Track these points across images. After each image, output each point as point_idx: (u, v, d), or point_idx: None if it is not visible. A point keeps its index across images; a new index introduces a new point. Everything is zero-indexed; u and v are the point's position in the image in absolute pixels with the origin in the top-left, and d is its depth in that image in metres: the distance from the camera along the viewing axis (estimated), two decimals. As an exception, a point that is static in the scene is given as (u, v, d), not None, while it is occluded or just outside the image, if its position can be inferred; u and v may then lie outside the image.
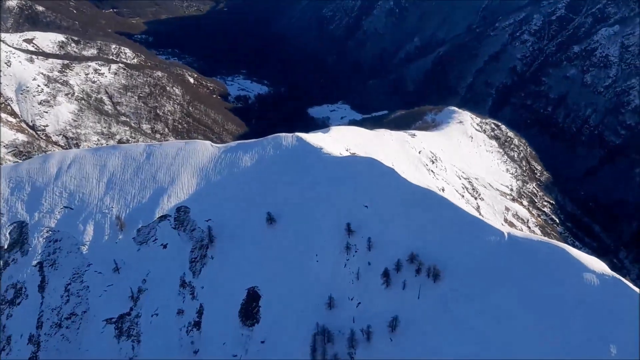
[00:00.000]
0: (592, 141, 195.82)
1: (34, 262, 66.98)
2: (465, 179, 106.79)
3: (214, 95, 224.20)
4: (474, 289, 57.90)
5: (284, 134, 74.82)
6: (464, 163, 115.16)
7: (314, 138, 75.07)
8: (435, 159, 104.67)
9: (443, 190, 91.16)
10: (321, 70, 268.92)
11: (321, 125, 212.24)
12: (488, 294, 57.19)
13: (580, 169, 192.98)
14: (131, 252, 67.82)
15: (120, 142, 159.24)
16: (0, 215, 68.26)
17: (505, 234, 60.19)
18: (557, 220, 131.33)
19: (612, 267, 60.85)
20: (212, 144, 74.87)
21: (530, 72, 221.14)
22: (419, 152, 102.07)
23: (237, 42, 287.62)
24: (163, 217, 69.59)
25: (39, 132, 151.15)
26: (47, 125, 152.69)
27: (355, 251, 64.50)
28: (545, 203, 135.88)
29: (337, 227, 65.86)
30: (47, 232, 68.18)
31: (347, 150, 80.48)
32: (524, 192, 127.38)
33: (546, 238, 61.32)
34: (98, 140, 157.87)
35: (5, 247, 67.15)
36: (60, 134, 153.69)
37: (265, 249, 67.19)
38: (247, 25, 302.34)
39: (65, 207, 69.37)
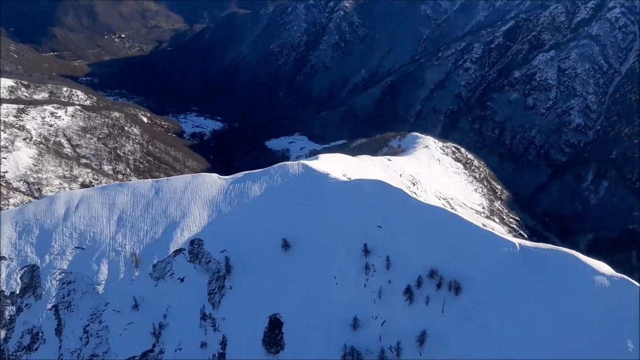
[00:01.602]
0: (539, 160, 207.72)
1: (49, 306, 65.17)
2: (443, 199, 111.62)
3: (170, 134, 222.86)
4: (495, 298, 61.24)
5: (289, 162, 76.92)
6: (437, 184, 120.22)
7: (318, 165, 77.45)
8: (415, 181, 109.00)
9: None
10: (273, 103, 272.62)
11: (282, 157, 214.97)
12: (508, 302, 60.65)
13: (531, 187, 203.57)
14: (149, 288, 67.21)
15: (83, 184, 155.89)
16: (9, 260, 66.23)
17: (517, 245, 64.23)
18: (525, 235, 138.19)
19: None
20: (219, 176, 75.77)
21: (475, 98, 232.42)
22: (400, 175, 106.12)
23: (186, 80, 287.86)
24: (178, 251, 69.52)
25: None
26: (6, 172, 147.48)
27: (374, 271, 66.69)
28: (512, 219, 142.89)
29: (354, 249, 67.97)
30: (60, 274, 66.65)
31: (344, 176, 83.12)
32: (493, 209, 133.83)
33: (553, 246, 65.86)
34: (60, 184, 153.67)
35: (18, 292, 65.10)
36: (21, 180, 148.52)
37: (284, 275, 68.27)
38: (194, 64, 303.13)
39: (76, 247, 68.12)
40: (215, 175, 75.93)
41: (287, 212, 71.51)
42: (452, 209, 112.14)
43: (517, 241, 65.26)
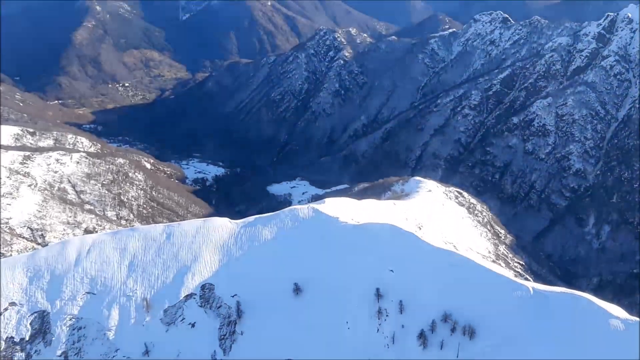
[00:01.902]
0: (540, 204, 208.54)
1: (59, 352, 64.39)
2: (450, 243, 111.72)
3: (173, 179, 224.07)
4: (510, 342, 60.93)
5: (299, 206, 77.70)
6: (443, 229, 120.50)
7: (327, 208, 78.08)
8: (421, 226, 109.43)
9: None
10: (274, 149, 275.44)
11: (284, 202, 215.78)
12: (523, 346, 60.32)
13: (533, 231, 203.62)
14: (160, 333, 66.67)
15: (86, 230, 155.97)
16: (19, 306, 65.86)
17: (530, 288, 64.30)
18: (531, 280, 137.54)
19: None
20: (230, 220, 76.25)
21: (474, 143, 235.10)
22: (406, 219, 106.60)
23: (188, 126, 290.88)
24: (189, 296, 69.29)
25: (2, 225, 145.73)
26: (10, 218, 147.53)
27: (387, 315, 66.45)
28: (517, 264, 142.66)
29: (366, 293, 67.92)
30: (70, 319, 66.17)
31: (352, 219, 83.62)
32: (498, 254, 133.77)
33: (565, 289, 65.94)
34: (64, 230, 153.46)
35: (27, 338, 64.42)
36: (24, 226, 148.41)
37: (295, 320, 67.95)
38: (196, 111, 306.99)
39: (87, 292, 67.87)
40: (225, 219, 76.40)
41: (298, 256, 71.70)
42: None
43: (529, 284, 65.39)
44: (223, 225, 74.92)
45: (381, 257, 69.69)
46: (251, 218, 76.62)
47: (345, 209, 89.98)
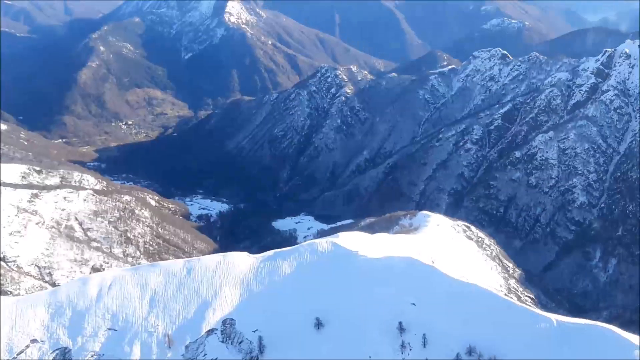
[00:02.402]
0: (546, 238, 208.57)
1: (81, 390, 63.92)
2: (464, 277, 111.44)
3: (177, 216, 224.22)
4: (536, 374, 60.70)
5: (318, 239, 78.15)
6: (454, 262, 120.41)
7: (346, 242, 78.46)
8: (434, 260, 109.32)
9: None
10: (277, 185, 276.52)
11: (289, 237, 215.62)
12: (550, 377, 60.10)
13: (539, 265, 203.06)
14: (182, 370, 66.23)
15: (94, 268, 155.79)
16: (41, 343, 65.50)
17: (554, 320, 64.31)
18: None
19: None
20: (249, 254, 76.54)
21: (477, 177, 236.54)
22: (419, 253, 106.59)
23: (191, 163, 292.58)
24: (210, 332, 69.04)
25: (9, 264, 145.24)
26: (18, 256, 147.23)
27: (410, 349, 66.16)
28: (527, 297, 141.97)
29: (388, 327, 67.72)
30: (92, 356, 65.71)
31: (369, 253, 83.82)
32: (510, 288, 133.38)
33: (589, 320, 65.96)
34: (71, 267, 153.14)
35: (49, 376, 64.00)
36: (32, 264, 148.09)
37: (318, 354, 67.50)
38: (198, 148, 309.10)
39: (109, 329, 67.63)
40: (245, 253, 76.77)
41: (319, 289, 71.77)
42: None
43: (553, 316, 65.38)
44: (243, 260, 75.20)
45: (402, 290, 69.83)
46: (270, 252, 76.95)
47: (361, 243, 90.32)
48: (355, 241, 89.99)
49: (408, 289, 69.32)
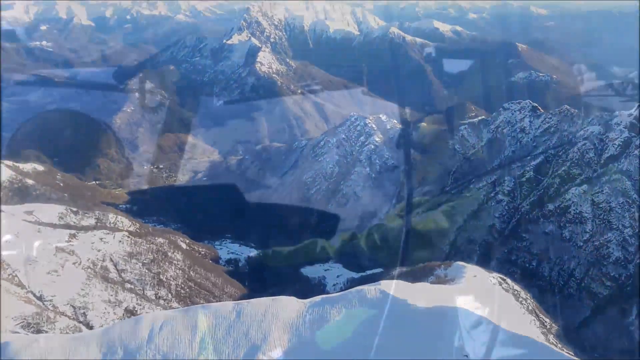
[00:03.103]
0: (580, 293, 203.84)
1: None
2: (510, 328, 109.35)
3: (207, 259, 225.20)
4: None
5: (366, 286, 77.92)
6: (497, 315, 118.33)
7: (395, 290, 78.18)
8: (476, 310, 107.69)
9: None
10: (305, 231, 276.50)
11: (318, 284, 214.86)
12: None
13: (574, 321, 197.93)
14: (231, 414, 65.60)
15: (127, 309, 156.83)
16: (92, 383, 65.79)
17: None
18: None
19: None
20: (297, 299, 76.66)
21: (509, 229, 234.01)
22: (465, 304, 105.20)
23: (220, 207, 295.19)
24: (259, 377, 68.66)
25: (46, 303, 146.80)
26: (54, 295, 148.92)
27: (464, 402, 64.92)
28: (565, 354, 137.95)
29: (441, 378, 66.73)
30: (143, 397, 65.75)
31: (417, 303, 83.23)
32: (549, 343, 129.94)
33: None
34: (105, 308, 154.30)
35: (100, 417, 63.92)
36: (67, 304, 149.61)
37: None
38: (227, 193, 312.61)
39: (159, 370, 67.76)
40: (293, 298, 76.94)
41: (370, 338, 71.19)
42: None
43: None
44: (291, 305, 75.30)
45: (454, 341, 68.99)
46: (318, 298, 76.98)
47: (406, 292, 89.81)
48: (400, 290, 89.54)
49: (460, 339, 68.39)
